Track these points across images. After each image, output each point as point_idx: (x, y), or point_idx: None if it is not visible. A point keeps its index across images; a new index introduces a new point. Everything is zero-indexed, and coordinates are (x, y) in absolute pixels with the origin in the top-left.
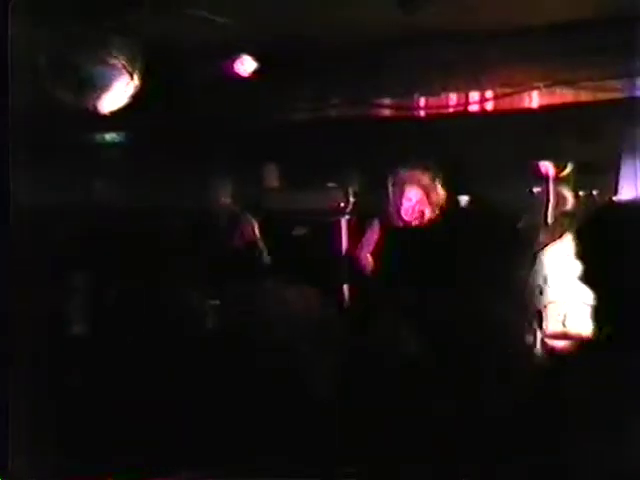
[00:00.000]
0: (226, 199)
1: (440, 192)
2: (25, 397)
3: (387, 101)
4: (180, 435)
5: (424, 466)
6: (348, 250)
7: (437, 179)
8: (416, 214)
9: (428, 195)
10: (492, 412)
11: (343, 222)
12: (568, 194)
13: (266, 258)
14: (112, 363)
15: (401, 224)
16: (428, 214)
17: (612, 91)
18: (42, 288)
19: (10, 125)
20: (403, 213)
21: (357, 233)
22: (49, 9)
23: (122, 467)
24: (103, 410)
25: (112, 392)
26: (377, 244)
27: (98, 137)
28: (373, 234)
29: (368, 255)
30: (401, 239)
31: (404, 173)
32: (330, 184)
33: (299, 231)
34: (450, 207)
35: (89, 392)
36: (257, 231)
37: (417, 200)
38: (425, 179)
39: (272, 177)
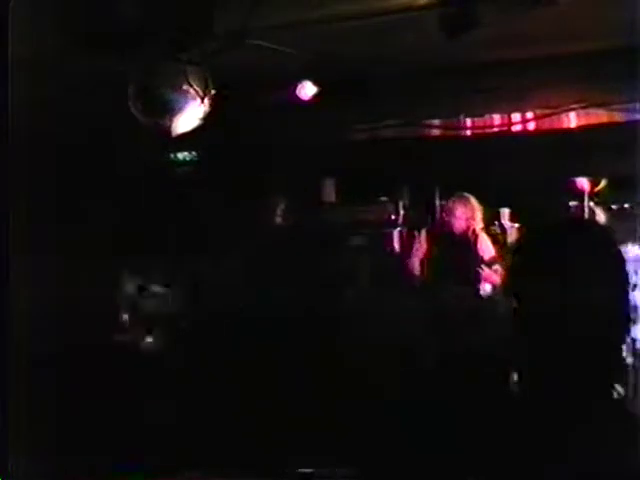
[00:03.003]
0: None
1: (480, 214)
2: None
3: (435, 122)
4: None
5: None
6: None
7: (479, 203)
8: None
9: (472, 215)
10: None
11: (395, 233)
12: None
13: None
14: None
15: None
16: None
17: None
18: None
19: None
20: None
21: (408, 243)
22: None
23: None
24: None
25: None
26: (425, 253)
27: (171, 155)
28: (422, 244)
29: (416, 263)
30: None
31: (452, 200)
32: (383, 198)
33: (356, 241)
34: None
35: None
36: None
37: (465, 218)
38: (470, 203)
39: (330, 192)
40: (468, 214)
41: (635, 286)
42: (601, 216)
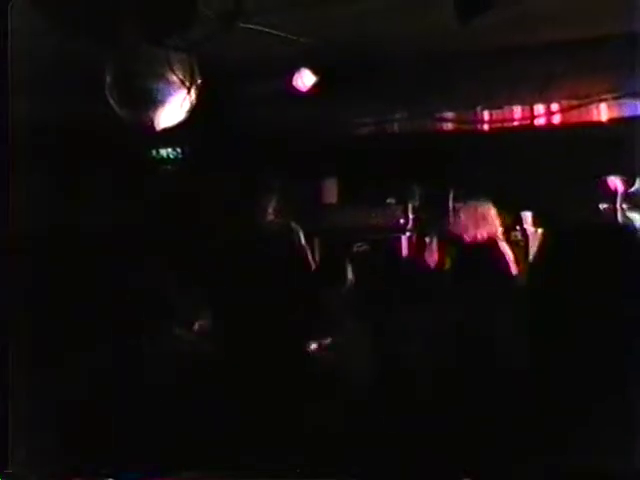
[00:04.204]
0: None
1: (497, 221)
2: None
3: (449, 115)
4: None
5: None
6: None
7: (494, 208)
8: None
9: (486, 225)
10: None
11: (403, 239)
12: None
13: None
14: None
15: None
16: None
17: None
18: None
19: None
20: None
21: (418, 250)
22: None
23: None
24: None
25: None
26: (438, 263)
27: (154, 152)
28: (433, 253)
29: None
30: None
31: (463, 206)
32: (389, 200)
33: (359, 247)
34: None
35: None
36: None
37: (476, 230)
38: (483, 211)
39: (331, 193)
40: (484, 226)
41: None
42: (636, 219)
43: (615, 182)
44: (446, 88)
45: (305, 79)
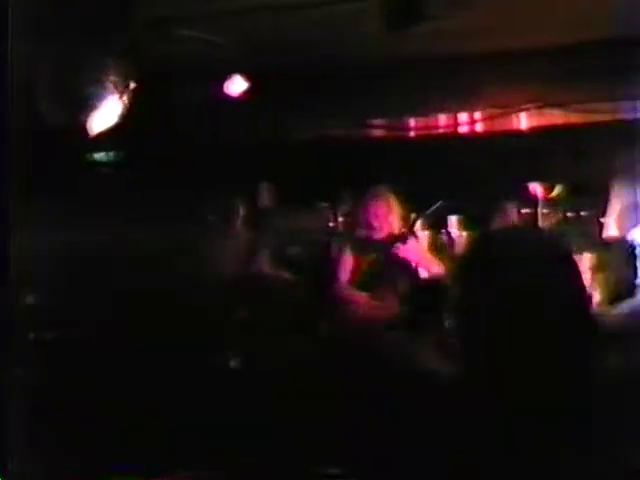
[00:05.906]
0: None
1: (399, 208)
2: (25, 397)
3: (378, 122)
4: (180, 435)
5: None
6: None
7: (397, 197)
8: (381, 226)
9: (391, 210)
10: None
11: (333, 242)
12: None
13: None
14: (112, 362)
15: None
16: (392, 227)
17: (602, 113)
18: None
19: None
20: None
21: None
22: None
23: (122, 467)
24: (103, 410)
25: (112, 392)
26: (353, 271)
27: (86, 157)
28: (347, 262)
29: (347, 285)
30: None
31: (371, 192)
32: (322, 204)
33: (293, 251)
34: None
35: (89, 392)
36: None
37: (382, 214)
38: (387, 196)
39: (266, 197)
40: (388, 213)
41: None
42: (555, 223)
43: (536, 188)
44: (375, 96)
45: (236, 85)
